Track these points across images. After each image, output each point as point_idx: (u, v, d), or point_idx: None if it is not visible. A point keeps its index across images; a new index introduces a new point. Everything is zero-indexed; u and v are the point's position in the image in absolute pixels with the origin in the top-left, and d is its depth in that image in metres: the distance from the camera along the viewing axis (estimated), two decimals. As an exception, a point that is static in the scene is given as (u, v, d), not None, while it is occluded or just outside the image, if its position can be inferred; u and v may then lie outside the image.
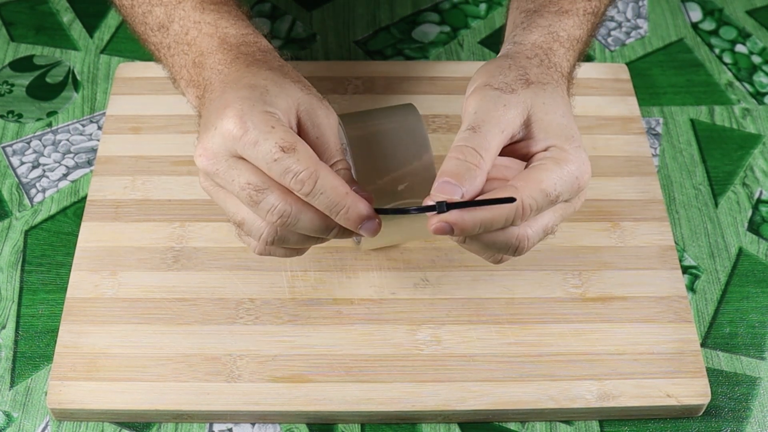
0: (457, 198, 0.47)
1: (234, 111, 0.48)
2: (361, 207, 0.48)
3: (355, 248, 0.65)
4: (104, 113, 0.75)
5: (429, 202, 0.48)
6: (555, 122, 0.51)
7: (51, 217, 0.69)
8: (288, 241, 0.51)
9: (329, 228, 0.50)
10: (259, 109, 0.48)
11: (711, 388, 0.60)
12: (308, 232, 0.50)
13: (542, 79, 0.53)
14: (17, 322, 0.63)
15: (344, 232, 0.50)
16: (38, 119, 0.75)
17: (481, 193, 0.49)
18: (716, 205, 0.71)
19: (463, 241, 0.50)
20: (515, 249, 0.50)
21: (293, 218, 0.49)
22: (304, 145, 0.48)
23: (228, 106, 0.49)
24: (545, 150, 0.51)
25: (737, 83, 0.80)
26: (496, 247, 0.50)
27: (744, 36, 0.84)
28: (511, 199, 0.47)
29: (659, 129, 0.76)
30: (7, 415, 0.59)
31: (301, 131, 0.51)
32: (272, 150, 0.47)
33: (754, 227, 0.70)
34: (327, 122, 0.52)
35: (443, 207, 0.47)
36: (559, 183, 0.49)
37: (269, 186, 0.48)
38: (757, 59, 0.82)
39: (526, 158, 0.52)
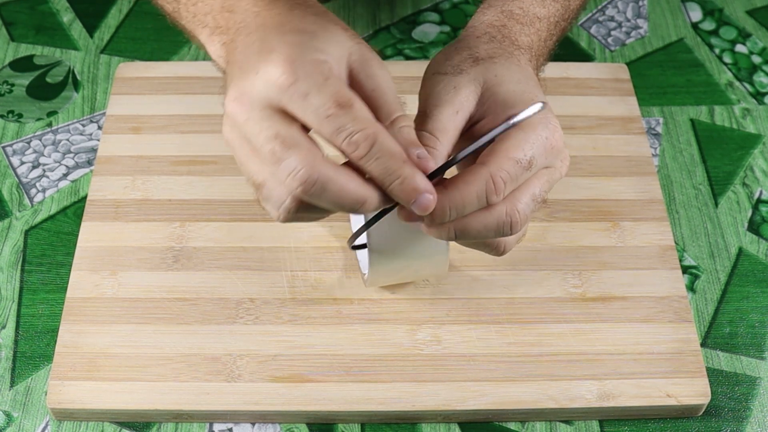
0: None
1: (281, 56, 0.42)
2: (418, 180, 0.44)
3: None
4: (104, 113, 0.75)
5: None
6: (511, 91, 0.49)
7: (51, 217, 0.69)
8: (312, 212, 0.46)
9: (357, 203, 0.44)
10: (310, 56, 0.43)
11: (711, 388, 0.60)
12: (333, 207, 0.45)
13: (492, 54, 0.51)
14: (17, 322, 0.63)
15: (384, 202, 0.45)
16: (38, 119, 0.75)
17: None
18: (716, 205, 0.71)
19: (454, 236, 0.48)
20: (510, 225, 0.48)
21: (317, 188, 0.43)
22: (360, 102, 0.43)
23: (273, 51, 0.43)
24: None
25: (737, 83, 0.80)
26: (490, 230, 0.48)
27: (744, 36, 0.84)
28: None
29: (659, 129, 0.76)
30: (7, 415, 0.59)
31: (353, 85, 0.45)
32: (326, 104, 0.42)
33: (754, 227, 0.70)
34: (382, 73, 0.46)
35: None
36: (528, 148, 0.47)
37: (299, 145, 0.43)
38: (757, 59, 0.82)
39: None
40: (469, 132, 0.51)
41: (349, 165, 0.45)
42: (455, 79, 0.50)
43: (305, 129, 0.44)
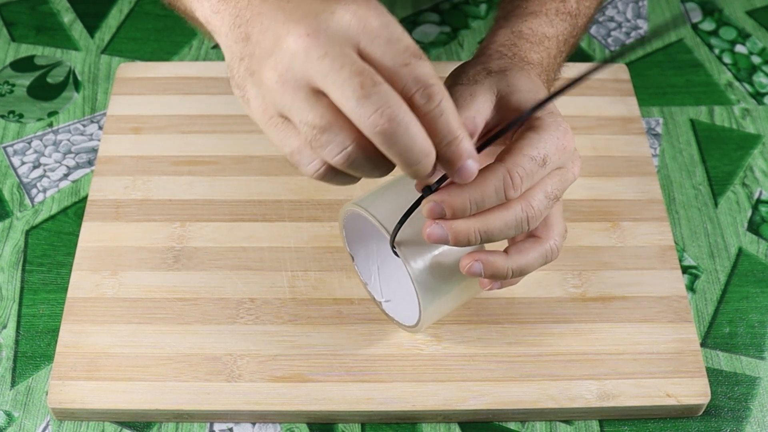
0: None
1: (359, 1, 0.42)
2: (469, 145, 0.44)
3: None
4: (105, 113, 0.75)
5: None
6: (523, 99, 0.52)
7: (52, 217, 0.69)
8: (344, 177, 0.46)
9: (424, 154, 0.43)
10: (384, 10, 0.43)
11: (711, 387, 0.60)
12: (401, 157, 0.43)
13: (504, 67, 0.53)
14: (18, 322, 0.63)
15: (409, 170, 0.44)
16: (39, 119, 0.75)
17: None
18: (716, 205, 0.71)
19: (479, 239, 0.49)
20: (527, 220, 0.49)
21: (398, 128, 0.42)
22: None
23: None
24: (521, 126, 0.51)
25: (737, 83, 0.80)
26: (510, 227, 0.49)
27: (743, 36, 0.84)
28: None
29: (659, 129, 0.76)
30: (8, 415, 0.59)
31: None
32: (407, 53, 0.42)
33: (753, 227, 0.70)
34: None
35: (429, 191, 0.48)
36: (541, 146, 0.49)
37: (338, 123, 0.42)
38: (756, 59, 0.82)
39: (508, 141, 0.52)
40: (485, 139, 0.52)
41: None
42: (471, 87, 0.52)
43: None
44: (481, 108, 0.51)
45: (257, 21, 0.45)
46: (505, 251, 0.52)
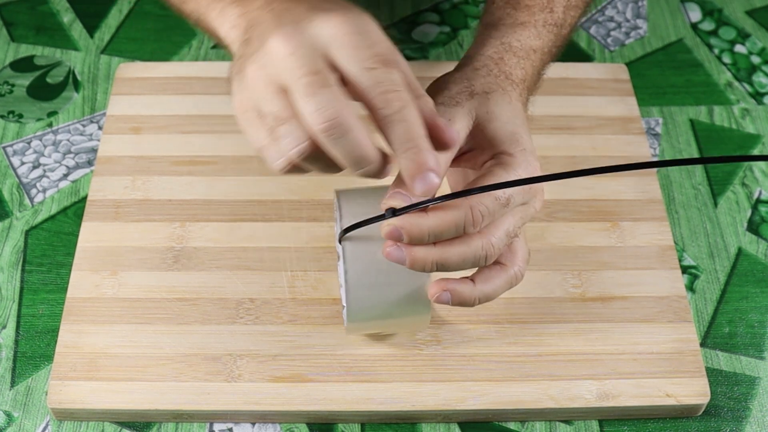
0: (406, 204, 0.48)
1: (338, 12, 0.45)
2: (431, 157, 0.45)
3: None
4: (104, 113, 0.75)
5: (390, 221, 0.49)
6: (500, 129, 0.52)
7: (51, 217, 0.69)
8: (315, 163, 0.47)
9: (365, 160, 0.45)
10: (365, 17, 0.45)
11: (710, 387, 0.60)
12: (342, 157, 0.45)
13: (487, 88, 0.54)
14: (18, 322, 0.63)
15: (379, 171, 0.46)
16: (39, 119, 0.75)
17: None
18: (715, 205, 0.71)
19: (435, 268, 0.49)
20: (485, 258, 0.50)
21: (339, 131, 0.43)
22: (402, 68, 0.46)
23: (328, 9, 0.45)
24: (492, 158, 0.52)
25: (736, 83, 0.80)
26: (468, 262, 0.50)
27: (743, 36, 0.84)
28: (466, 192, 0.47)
29: (659, 129, 0.76)
30: (8, 415, 0.59)
31: None
32: (373, 59, 0.44)
33: (753, 227, 0.70)
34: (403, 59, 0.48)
35: (390, 213, 0.48)
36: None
37: (334, 88, 0.44)
38: (756, 59, 0.82)
39: (478, 167, 0.52)
40: (456, 161, 0.53)
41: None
42: (450, 110, 0.52)
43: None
44: (457, 134, 0.51)
45: (258, 28, 0.48)
46: (472, 279, 0.52)
